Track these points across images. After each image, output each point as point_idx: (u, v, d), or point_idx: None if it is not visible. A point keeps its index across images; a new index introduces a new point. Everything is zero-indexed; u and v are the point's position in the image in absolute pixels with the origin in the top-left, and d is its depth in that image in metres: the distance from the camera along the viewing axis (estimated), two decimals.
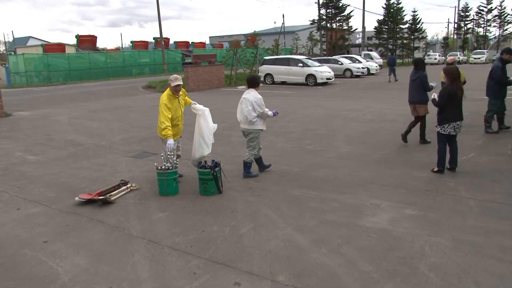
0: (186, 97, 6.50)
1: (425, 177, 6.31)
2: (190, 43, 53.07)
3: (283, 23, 55.78)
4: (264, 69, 25.92)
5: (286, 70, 24.93)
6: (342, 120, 11.62)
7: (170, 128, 5.95)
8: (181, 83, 6.07)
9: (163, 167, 5.86)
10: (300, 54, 42.61)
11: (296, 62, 24.99)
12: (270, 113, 6.58)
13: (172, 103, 6.08)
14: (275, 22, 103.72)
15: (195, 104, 6.28)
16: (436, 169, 6.45)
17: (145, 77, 37.03)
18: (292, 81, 25.08)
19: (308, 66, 24.68)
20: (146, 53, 44.14)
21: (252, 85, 6.58)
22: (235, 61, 26.47)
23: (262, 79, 26.04)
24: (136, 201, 5.73)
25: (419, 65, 8.26)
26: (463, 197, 5.42)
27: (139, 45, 46.28)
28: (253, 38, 32.56)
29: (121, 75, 39.34)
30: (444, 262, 3.82)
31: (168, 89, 6.10)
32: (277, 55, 33.42)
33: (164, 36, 44.65)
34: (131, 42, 47.34)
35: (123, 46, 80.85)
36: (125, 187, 6.11)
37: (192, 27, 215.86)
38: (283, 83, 25.80)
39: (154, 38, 47.65)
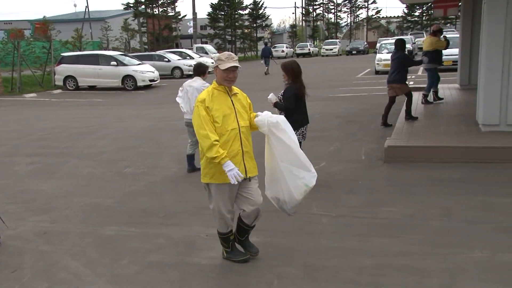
0: (252, 111, 4.80)
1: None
2: None
3: (87, 7, 54.44)
4: (63, 69, 24.90)
5: (95, 70, 24.40)
6: (170, 133, 11.84)
7: (218, 143, 4.35)
8: (238, 64, 4.51)
9: None
10: (114, 49, 42.01)
11: (108, 60, 24.65)
12: None
13: (216, 101, 4.47)
14: (75, 5, 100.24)
15: (258, 115, 4.70)
16: None
17: None
18: (103, 85, 24.66)
19: (125, 64, 24.62)
20: None
21: (197, 73, 8.07)
22: (18, 59, 24.81)
23: (60, 83, 25.02)
24: None
25: (399, 45, 10.71)
26: (315, 214, 5.98)
27: None
28: (43, 27, 31.01)
29: None
30: None
31: (214, 81, 4.62)
32: (80, 50, 32.40)
33: None
34: None
35: None
36: None
37: None
38: (92, 88, 25.15)
39: None
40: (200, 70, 8.09)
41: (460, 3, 15.87)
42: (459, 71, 15.23)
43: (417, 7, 74.06)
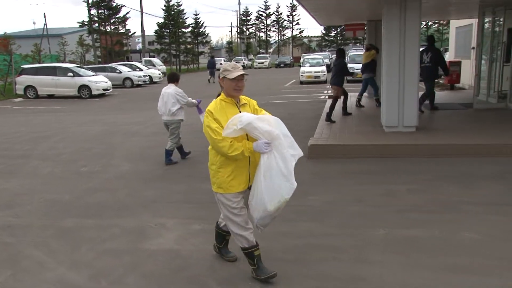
0: (259, 108, 4.12)
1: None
2: None
3: (45, 24, 52.21)
4: (24, 80, 23.91)
5: (53, 81, 23.61)
6: (122, 136, 11.62)
7: (233, 141, 3.71)
8: (245, 72, 3.87)
9: None
10: (71, 62, 40.59)
11: (64, 72, 23.86)
12: (194, 101, 8.15)
13: (223, 113, 3.80)
14: (34, 23, 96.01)
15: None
16: None
17: None
18: (61, 93, 23.87)
19: (80, 75, 23.93)
20: None
21: (172, 80, 8.19)
22: None
23: (21, 92, 24.01)
24: None
25: (339, 54, 11.54)
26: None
27: None
28: (4, 42, 29.49)
29: None
30: (233, 274, 4.20)
31: (222, 93, 3.94)
32: (39, 63, 31.12)
33: None
34: None
35: None
36: None
37: None
38: (51, 96, 24.30)
39: None
40: (174, 78, 8.23)
41: (365, 27, 16.65)
42: None
43: (333, 29, 76.21)
